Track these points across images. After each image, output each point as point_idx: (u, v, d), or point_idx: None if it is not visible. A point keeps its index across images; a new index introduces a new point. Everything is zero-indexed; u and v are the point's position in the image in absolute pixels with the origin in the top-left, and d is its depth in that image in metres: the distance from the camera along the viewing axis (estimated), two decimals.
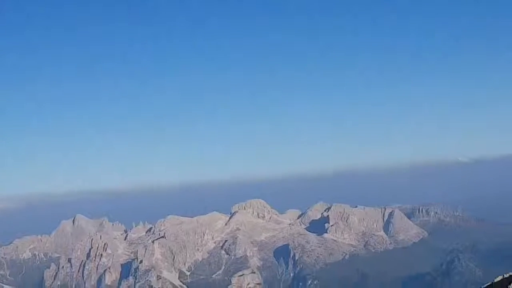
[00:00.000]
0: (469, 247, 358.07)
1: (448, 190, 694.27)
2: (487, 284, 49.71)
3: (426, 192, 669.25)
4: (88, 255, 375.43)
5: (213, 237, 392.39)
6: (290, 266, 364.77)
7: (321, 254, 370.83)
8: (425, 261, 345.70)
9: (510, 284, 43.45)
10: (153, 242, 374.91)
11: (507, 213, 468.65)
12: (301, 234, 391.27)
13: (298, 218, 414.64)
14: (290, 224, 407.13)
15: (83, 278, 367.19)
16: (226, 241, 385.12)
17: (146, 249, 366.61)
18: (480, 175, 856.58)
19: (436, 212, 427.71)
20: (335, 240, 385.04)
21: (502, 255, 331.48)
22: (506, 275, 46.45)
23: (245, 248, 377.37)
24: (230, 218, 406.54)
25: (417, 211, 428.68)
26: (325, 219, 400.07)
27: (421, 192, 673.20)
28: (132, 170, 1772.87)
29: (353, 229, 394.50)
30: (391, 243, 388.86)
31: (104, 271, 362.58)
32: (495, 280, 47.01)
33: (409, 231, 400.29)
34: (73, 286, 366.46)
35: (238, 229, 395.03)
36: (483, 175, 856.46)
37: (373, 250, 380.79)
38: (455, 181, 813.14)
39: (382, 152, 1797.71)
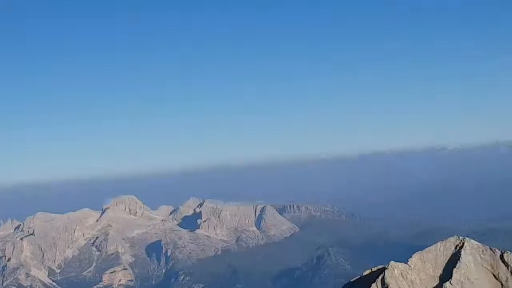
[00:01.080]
0: (338, 242, 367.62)
1: (318, 186, 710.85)
2: (356, 278, 51.66)
3: (298, 188, 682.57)
4: None
5: (83, 234, 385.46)
6: (162, 262, 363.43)
7: (193, 250, 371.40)
8: (296, 256, 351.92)
9: (378, 277, 45.45)
10: (21, 239, 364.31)
11: (374, 209, 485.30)
12: (173, 230, 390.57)
13: (170, 214, 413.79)
14: (162, 220, 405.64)
15: None
16: (97, 237, 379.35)
17: (14, 246, 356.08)
18: (344, 172, 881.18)
19: (307, 208, 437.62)
20: (207, 236, 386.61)
21: (371, 249, 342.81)
22: (374, 269, 48.61)
23: (116, 244, 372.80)
24: (101, 214, 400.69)
25: (288, 206, 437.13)
26: (198, 215, 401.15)
27: (293, 188, 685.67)
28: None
29: (225, 225, 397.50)
30: (263, 238, 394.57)
31: None
32: (364, 274, 49.09)
33: (280, 226, 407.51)
34: None
35: (109, 225, 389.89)
36: (348, 172, 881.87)
37: (245, 246, 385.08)
38: (323, 177, 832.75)
39: (254, 148, 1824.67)
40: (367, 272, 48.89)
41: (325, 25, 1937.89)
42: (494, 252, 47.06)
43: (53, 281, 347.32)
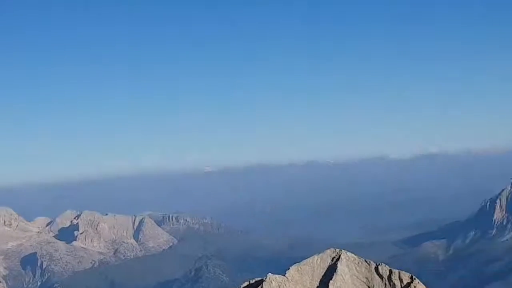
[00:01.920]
0: (217, 254, 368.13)
1: (199, 198, 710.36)
2: None
3: (177, 200, 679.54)
4: None
5: None
6: (38, 274, 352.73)
7: (69, 262, 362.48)
8: (174, 268, 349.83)
9: None
10: None
11: (252, 221, 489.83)
12: (49, 242, 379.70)
13: (46, 226, 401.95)
14: (38, 232, 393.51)
15: None
16: None
17: None
18: (227, 185, 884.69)
19: (186, 220, 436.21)
20: (84, 248, 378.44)
21: (249, 261, 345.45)
22: (252, 281, 48.57)
23: None
24: None
25: (167, 218, 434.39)
26: (75, 227, 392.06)
27: (172, 200, 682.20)
28: None
29: (103, 237, 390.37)
30: (141, 250, 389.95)
31: None
32: (242, 286, 48.96)
33: (159, 238, 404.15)
34: None
35: None
36: (231, 184, 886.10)
37: (123, 258, 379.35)
38: (204, 189, 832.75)
39: (133, 159, 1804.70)
40: (245, 284, 48.76)
41: None
42: (369, 264, 47.96)
43: None
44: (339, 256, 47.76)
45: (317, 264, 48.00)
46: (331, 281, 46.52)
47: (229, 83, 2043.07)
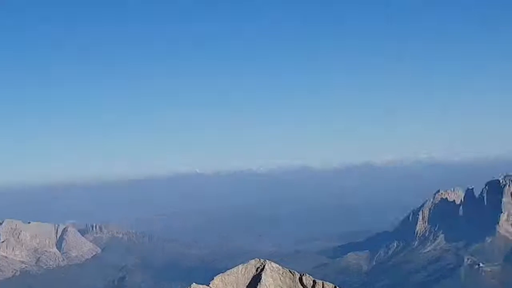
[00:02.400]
0: (140, 263, 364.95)
1: (122, 208, 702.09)
2: None
3: (101, 209, 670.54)
4: None
5: None
6: None
7: None
8: (97, 278, 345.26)
9: None
10: None
11: (177, 231, 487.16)
12: None
13: None
14: None
15: None
16: None
17: None
18: (150, 194, 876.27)
19: (110, 229, 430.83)
20: (5, 257, 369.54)
21: (172, 271, 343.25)
22: None
23: None
24: None
25: (91, 227, 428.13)
26: None
27: (96, 209, 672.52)
28: None
29: (25, 246, 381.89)
30: (63, 259, 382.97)
31: None
32: None
33: (82, 247, 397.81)
34: None
35: None
36: (154, 194, 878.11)
37: (45, 267, 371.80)
38: (127, 198, 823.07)
39: (54, 168, 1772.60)
40: None
41: None
42: (293, 274, 48.09)
43: None
44: (264, 266, 47.74)
45: (242, 274, 47.88)
46: None
47: None
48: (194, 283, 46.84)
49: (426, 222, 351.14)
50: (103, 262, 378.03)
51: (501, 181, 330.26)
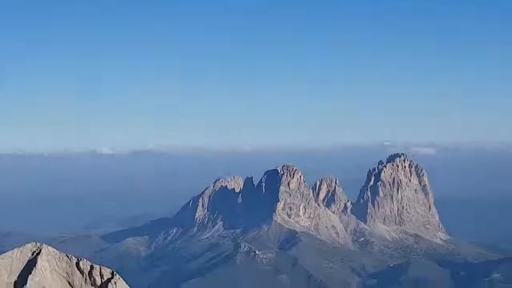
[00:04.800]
0: None
1: None
2: None
3: None
4: None
5: None
6: None
7: None
8: None
9: None
10: None
11: None
12: None
13: None
14: None
15: None
16: None
17: None
18: None
19: None
20: None
21: None
22: None
23: None
24: None
25: None
26: None
27: None
28: None
29: None
30: None
31: None
32: None
33: None
34: None
35: None
36: None
37: None
38: None
39: None
40: None
41: None
42: (70, 259, 47.38)
43: None
44: (40, 250, 46.67)
45: (17, 258, 46.52)
46: (30, 276, 45.37)
47: None
48: None
49: (206, 209, 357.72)
50: None
51: (279, 171, 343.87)
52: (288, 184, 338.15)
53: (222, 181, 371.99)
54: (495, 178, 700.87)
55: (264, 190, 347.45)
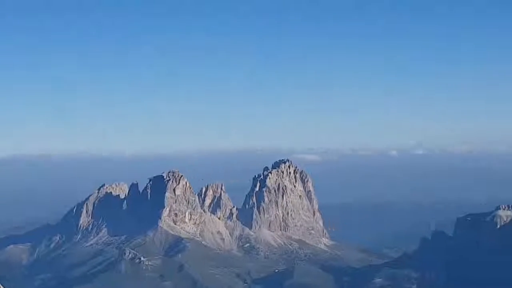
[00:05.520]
0: None
1: None
2: None
3: None
4: None
5: None
6: None
7: None
8: None
9: None
10: None
11: None
12: None
13: None
14: None
15: None
16: None
17: None
18: None
19: None
20: None
21: None
22: None
23: None
24: None
25: None
26: None
27: None
28: None
29: None
30: None
31: None
32: None
33: None
34: None
35: None
36: None
37: None
38: None
39: None
40: None
41: None
42: None
43: None
44: None
45: None
46: None
47: None
48: None
49: (90, 216, 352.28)
50: None
51: (164, 177, 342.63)
52: (174, 190, 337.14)
53: (107, 187, 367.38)
54: (375, 183, 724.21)
55: (149, 196, 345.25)
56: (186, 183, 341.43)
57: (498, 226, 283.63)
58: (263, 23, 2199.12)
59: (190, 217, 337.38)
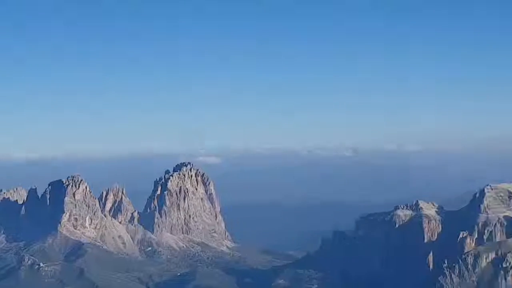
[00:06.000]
0: None
1: None
2: None
3: None
4: None
5: None
6: None
7: None
8: None
9: None
10: None
11: None
12: None
13: None
14: None
15: None
16: None
17: None
18: None
19: None
20: None
21: None
22: None
23: None
24: None
25: None
26: None
27: None
28: None
29: None
30: None
31: None
32: None
33: None
34: None
35: None
36: None
37: None
38: None
39: None
40: None
41: None
42: None
43: None
44: None
45: None
46: None
47: None
48: None
49: None
50: None
51: (64, 182, 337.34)
52: (74, 194, 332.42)
53: (4, 192, 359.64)
54: (279, 185, 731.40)
55: (48, 201, 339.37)
56: (86, 187, 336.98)
57: (397, 226, 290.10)
58: None
59: (91, 222, 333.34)
